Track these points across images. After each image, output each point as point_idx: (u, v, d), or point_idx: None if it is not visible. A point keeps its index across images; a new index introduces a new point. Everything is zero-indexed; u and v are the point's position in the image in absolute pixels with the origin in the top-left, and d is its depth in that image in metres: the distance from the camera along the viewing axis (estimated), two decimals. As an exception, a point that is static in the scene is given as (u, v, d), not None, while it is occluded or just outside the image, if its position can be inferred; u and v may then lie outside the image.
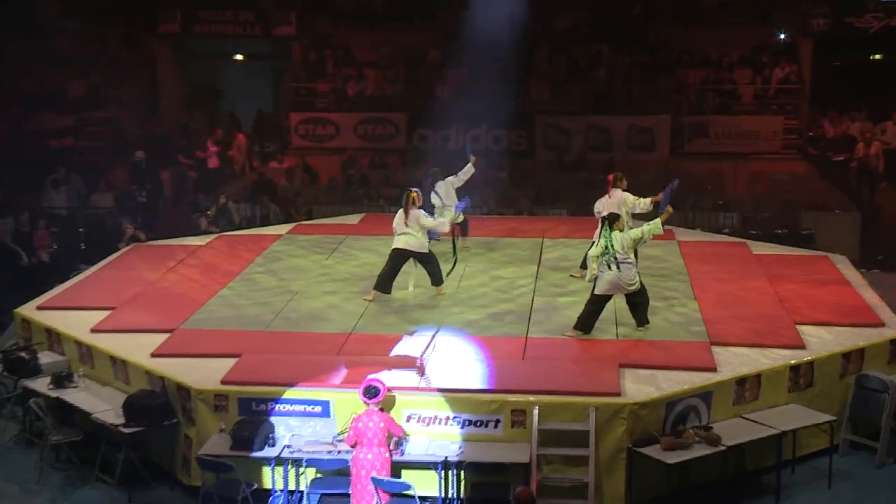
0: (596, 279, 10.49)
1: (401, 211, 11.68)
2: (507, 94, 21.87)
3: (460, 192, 13.22)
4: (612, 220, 10.66)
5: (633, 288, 10.55)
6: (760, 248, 14.35)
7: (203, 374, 9.65)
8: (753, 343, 10.33)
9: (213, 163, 21.51)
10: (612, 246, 10.42)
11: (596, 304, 10.54)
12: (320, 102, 22.93)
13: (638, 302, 10.66)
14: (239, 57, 24.87)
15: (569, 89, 22.62)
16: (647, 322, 10.71)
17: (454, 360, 9.98)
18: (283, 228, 15.86)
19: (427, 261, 11.88)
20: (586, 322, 10.56)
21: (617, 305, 11.24)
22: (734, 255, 13.85)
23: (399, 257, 11.76)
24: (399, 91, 22.89)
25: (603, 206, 12.17)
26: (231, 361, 9.89)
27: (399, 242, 11.73)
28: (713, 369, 9.71)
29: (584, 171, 19.49)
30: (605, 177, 12.64)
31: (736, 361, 9.92)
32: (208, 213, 17.29)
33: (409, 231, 11.65)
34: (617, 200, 12.24)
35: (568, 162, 21.25)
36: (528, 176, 21.05)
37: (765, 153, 21.41)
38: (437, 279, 11.97)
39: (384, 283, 11.77)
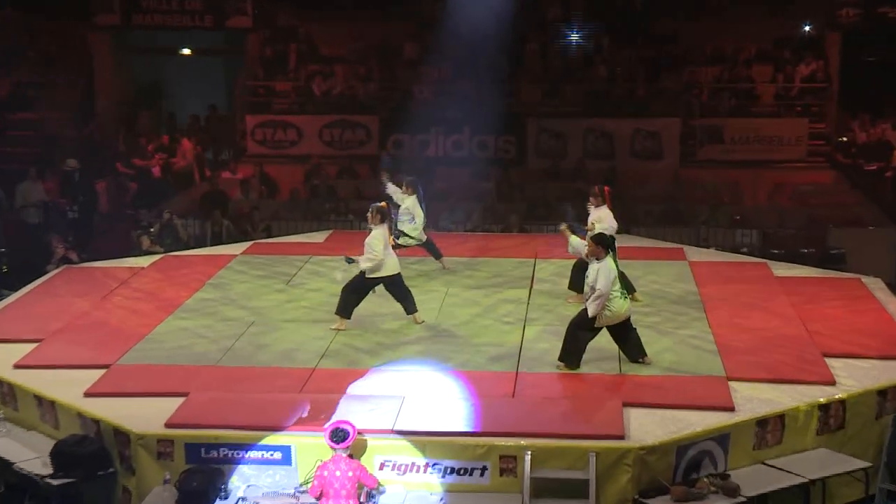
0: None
1: (383, 229, 11.66)
2: (494, 94, 21.93)
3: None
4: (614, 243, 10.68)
5: (628, 314, 10.58)
6: (783, 270, 14.42)
7: (144, 415, 9.59)
8: (776, 378, 10.36)
9: (157, 172, 21.47)
10: (619, 272, 10.44)
11: (590, 333, 10.53)
12: (280, 103, 22.94)
13: (631, 330, 10.67)
14: (187, 51, 24.88)
15: (564, 88, 22.73)
16: (646, 354, 10.72)
17: (434, 398, 9.95)
18: (237, 248, 15.82)
19: (398, 284, 11.90)
20: (577, 356, 10.55)
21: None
22: (754, 278, 13.91)
23: (373, 284, 11.79)
24: (371, 90, 22.94)
25: (606, 221, 12.22)
26: (177, 401, 9.83)
27: (396, 267, 11.73)
28: (730, 408, 9.73)
29: (582, 182, 19.55)
30: (603, 188, 12.66)
31: (756, 399, 9.93)
32: (151, 230, 17.23)
33: (391, 254, 11.72)
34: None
35: (563, 171, 21.32)
36: (518, 187, 21.10)
37: (788, 161, 21.55)
38: (410, 306, 11.99)
39: (348, 307, 11.78)
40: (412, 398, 9.89)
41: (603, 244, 10.50)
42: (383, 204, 12.00)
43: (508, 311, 12.50)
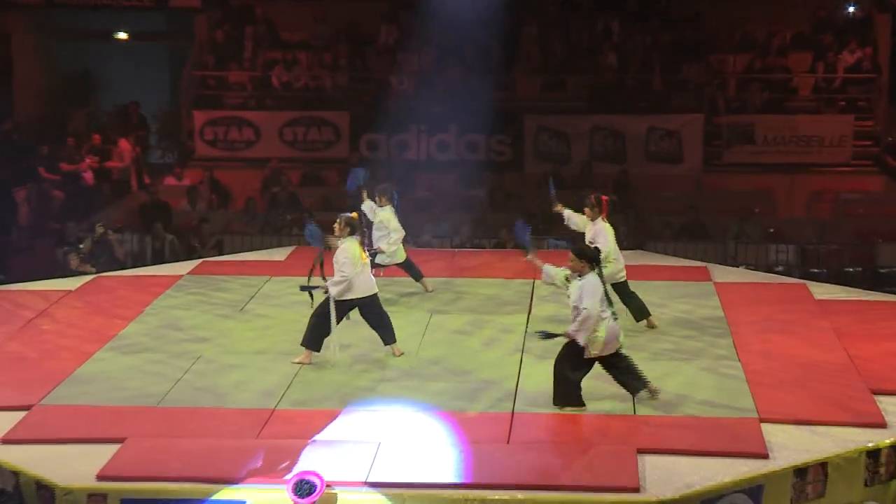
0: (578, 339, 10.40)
1: (353, 243, 11.69)
2: (485, 86, 21.99)
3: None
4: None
5: (620, 342, 10.61)
6: (825, 292, 14.49)
7: (72, 466, 9.55)
8: (817, 419, 10.39)
9: (89, 178, 21.43)
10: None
11: (582, 369, 10.52)
12: (234, 97, 22.97)
13: (623, 358, 10.69)
14: (123, 36, 24.88)
15: (567, 80, 22.80)
16: (648, 381, 10.70)
17: (415, 443, 9.96)
18: (182, 267, 15.81)
19: (374, 308, 11.94)
20: (574, 396, 10.55)
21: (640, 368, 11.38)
22: (790, 301, 13.97)
23: (345, 308, 11.81)
24: (340, 82, 22.98)
25: (601, 238, 12.34)
26: (112, 448, 9.80)
27: (371, 288, 11.79)
28: (763, 455, 9.75)
29: (589, 189, 19.59)
30: (601, 198, 12.79)
31: (794, 445, 9.96)
32: (80, 246, 17.20)
33: (365, 272, 11.74)
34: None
35: (567, 176, 21.39)
36: (514, 195, 21.14)
37: (830, 165, 21.66)
38: (388, 335, 12.00)
39: (316, 338, 11.79)
40: (389, 444, 9.88)
41: (587, 258, 10.49)
42: (354, 214, 12.01)
43: (503, 341, 12.52)
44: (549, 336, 10.50)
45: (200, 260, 16.56)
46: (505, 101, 22.30)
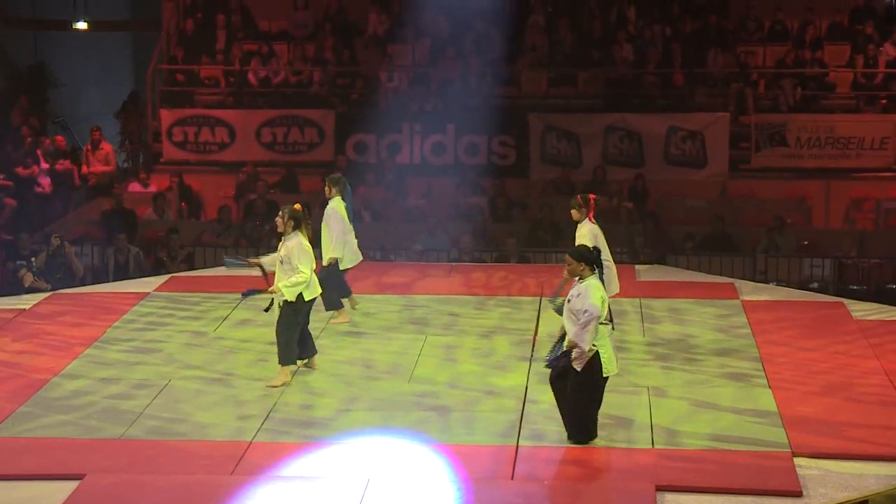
0: (597, 355, 10.42)
1: (301, 239, 11.80)
2: (487, 82, 21.99)
3: None
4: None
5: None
6: (865, 311, 14.50)
7: (25, 505, 9.57)
8: (856, 453, 10.40)
9: (46, 184, 21.37)
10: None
11: (601, 390, 10.54)
12: (206, 94, 22.96)
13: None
14: (82, 25, 24.91)
15: (578, 75, 22.81)
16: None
17: (407, 480, 9.97)
18: (149, 283, 15.83)
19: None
20: (593, 425, 10.57)
21: (651, 396, 11.35)
22: (826, 321, 13.99)
23: (308, 308, 11.99)
24: (325, 77, 22.99)
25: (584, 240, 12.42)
26: (69, 486, 9.81)
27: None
28: (797, 493, 9.76)
29: (602, 196, 19.63)
30: (588, 197, 12.87)
31: (831, 481, 9.97)
32: (33, 260, 17.19)
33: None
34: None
35: (577, 182, 21.40)
36: (518, 203, 21.14)
37: (870, 170, 21.66)
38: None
39: (292, 352, 11.86)
40: (379, 480, 9.90)
41: (586, 259, 10.48)
42: (297, 206, 11.99)
43: (506, 366, 12.54)
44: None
45: (169, 275, 16.57)
46: (508, 98, 22.29)
